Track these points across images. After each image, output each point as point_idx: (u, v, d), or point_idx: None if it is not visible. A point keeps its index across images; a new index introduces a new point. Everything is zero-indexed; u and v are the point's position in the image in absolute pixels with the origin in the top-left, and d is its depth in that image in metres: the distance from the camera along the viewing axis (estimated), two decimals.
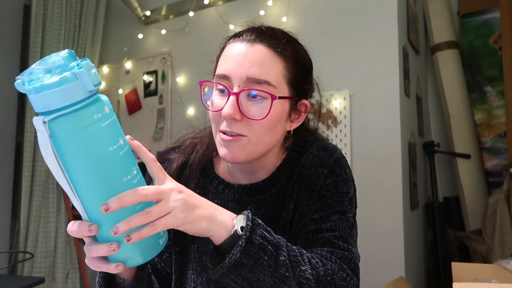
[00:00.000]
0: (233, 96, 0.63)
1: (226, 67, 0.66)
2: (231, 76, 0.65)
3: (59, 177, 0.46)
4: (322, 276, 0.60)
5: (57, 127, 0.43)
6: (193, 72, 2.62)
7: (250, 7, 2.39)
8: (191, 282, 0.73)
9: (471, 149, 2.47)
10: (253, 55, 0.65)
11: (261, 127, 0.65)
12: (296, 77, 0.69)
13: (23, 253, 2.35)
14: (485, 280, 1.08)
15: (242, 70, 0.64)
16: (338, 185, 0.74)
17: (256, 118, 0.64)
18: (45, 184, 2.50)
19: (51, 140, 0.44)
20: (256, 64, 0.64)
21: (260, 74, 0.64)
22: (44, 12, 2.50)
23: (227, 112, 0.63)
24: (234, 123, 0.64)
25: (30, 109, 2.43)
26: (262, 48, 0.66)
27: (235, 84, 0.64)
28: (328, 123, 2.10)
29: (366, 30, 2.05)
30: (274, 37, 0.68)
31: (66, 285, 2.55)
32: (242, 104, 0.64)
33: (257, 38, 0.67)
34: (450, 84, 2.53)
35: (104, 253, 0.49)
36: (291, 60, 0.68)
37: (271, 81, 0.65)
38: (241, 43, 0.67)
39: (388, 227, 1.92)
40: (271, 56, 0.66)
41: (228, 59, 0.67)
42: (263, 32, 0.68)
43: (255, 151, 0.67)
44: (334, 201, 0.72)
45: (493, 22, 2.53)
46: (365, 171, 2.01)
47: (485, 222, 2.18)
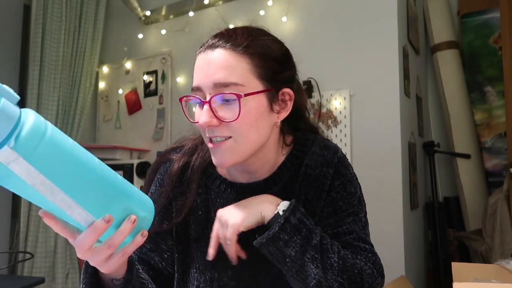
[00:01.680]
0: (206, 104, 0.66)
1: (197, 79, 0.69)
2: (201, 87, 0.67)
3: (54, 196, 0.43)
4: (349, 267, 0.66)
5: (25, 147, 0.40)
6: (193, 72, 2.61)
7: (250, 7, 2.39)
8: (194, 280, 0.75)
9: (471, 149, 2.47)
10: (215, 61, 0.66)
11: (241, 126, 0.66)
12: (267, 70, 0.69)
13: (23, 253, 2.35)
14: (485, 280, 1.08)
15: (208, 78, 0.66)
16: (346, 186, 0.76)
17: (230, 120, 0.65)
18: None
19: (28, 162, 0.40)
20: (220, 68, 0.66)
21: (224, 77, 0.65)
22: (44, 12, 2.50)
23: (203, 120, 0.65)
24: (215, 129, 0.66)
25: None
26: (222, 51, 0.67)
27: (207, 93, 0.66)
28: (328, 123, 2.10)
29: (366, 30, 2.05)
30: (234, 37, 0.68)
31: (66, 285, 2.55)
32: (216, 109, 0.66)
33: (217, 43, 0.68)
34: (450, 84, 2.53)
35: (128, 230, 0.50)
36: (255, 55, 0.68)
37: (238, 81, 0.65)
38: (204, 52, 0.69)
39: (388, 227, 1.92)
40: (233, 56, 0.66)
41: (197, 70, 0.69)
42: (223, 35, 0.69)
43: (244, 150, 0.68)
44: (345, 203, 0.75)
45: (493, 22, 2.53)
46: (365, 171, 2.00)
47: (485, 222, 2.18)
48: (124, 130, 2.89)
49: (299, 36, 2.20)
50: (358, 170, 2.21)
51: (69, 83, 2.67)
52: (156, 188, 0.80)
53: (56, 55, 2.56)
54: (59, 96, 2.56)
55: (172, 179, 0.78)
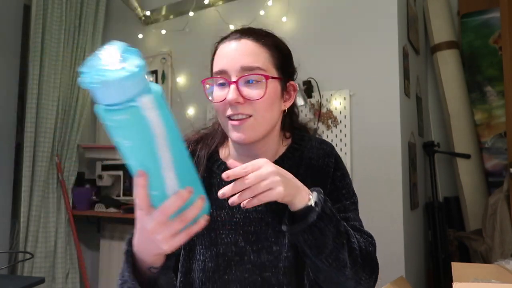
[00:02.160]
0: (233, 84, 0.74)
1: (222, 64, 0.77)
2: (227, 70, 0.76)
3: (163, 151, 0.49)
4: (364, 250, 0.74)
5: (156, 101, 0.48)
6: (193, 72, 2.62)
7: (250, 7, 2.39)
8: (199, 255, 0.80)
9: (471, 149, 2.47)
10: (242, 48, 0.77)
11: (261, 105, 0.75)
12: (281, 61, 0.80)
13: (23, 253, 2.35)
14: (485, 280, 1.08)
15: (236, 62, 0.75)
16: (345, 177, 0.88)
17: (256, 98, 0.74)
18: (45, 184, 2.50)
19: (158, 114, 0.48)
20: (246, 55, 0.76)
21: (251, 62, 0.75)
22: (44, 12, 2.50)
23: (231, 97, 0.73)
24: (239, 106, 0.74)
25: (30, 109, 2.43)
26: (248, 41, 0.77)
27: (232, 75, 0.75)
28: (328, 123, 2.10)
29: (366, 30, 2.05)
30: (255, 33, 0.80)
31: (66, 285, 2.55)
32: (241, 89, 0.74)
33: (242, 35, 0.78)
34: (450, 84, 2.53)
35: (200, 207, 0.55)
36: (273, 47, 0.80)
37: (262, 66, 0.76)
38: (228, 42, 0.79)
39: (388, 227, 1.92)
40: (257, 47, 0.77)
41: (222, 56, 0.78)
42: (246, 30, 0.80)
43: (261, 128, 0.77)
44: (346, 192, 0.86)
45: (493, 22, 2.53)
46: (365, 171, 2.01)
47: (485, 222, 2.18)
48: None
49: (299, 36, 2.20)
50: (358, 170, 2.22)
51: (69, 83, 2.67)
52: None
53: (56, 55, 2.56)
54: (59, 96, 2.56)
55: None
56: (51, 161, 2.54)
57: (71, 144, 2.66)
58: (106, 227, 2.75)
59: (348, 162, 2.04)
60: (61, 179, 2.58)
